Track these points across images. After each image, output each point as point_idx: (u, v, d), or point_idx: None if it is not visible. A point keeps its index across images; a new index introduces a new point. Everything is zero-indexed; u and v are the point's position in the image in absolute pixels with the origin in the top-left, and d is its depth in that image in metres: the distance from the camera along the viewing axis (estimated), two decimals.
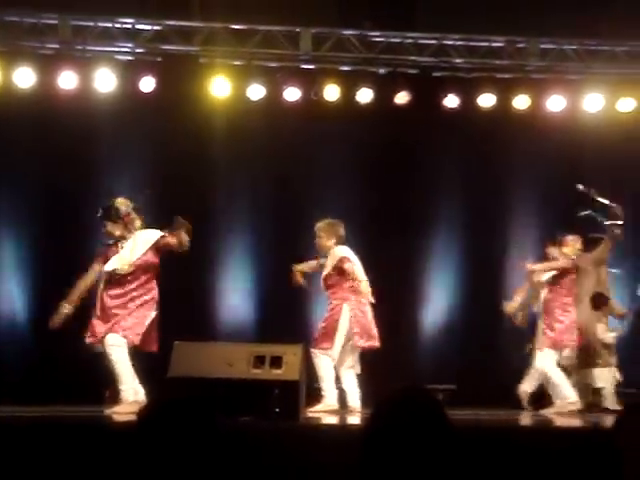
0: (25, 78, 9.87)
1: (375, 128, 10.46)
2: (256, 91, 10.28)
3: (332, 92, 10.34)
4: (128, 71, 10.11)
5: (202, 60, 10.23)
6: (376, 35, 10.39)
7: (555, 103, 10.55)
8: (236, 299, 10.61)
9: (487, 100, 10.47)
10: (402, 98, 10.37)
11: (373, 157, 10.62)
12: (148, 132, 10.20)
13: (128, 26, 10.10)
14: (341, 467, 2.98)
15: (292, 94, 10.35)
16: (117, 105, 10.06)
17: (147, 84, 10.08)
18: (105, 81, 10.00)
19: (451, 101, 10.47)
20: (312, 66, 10.43)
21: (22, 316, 10.03)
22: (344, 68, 10.48)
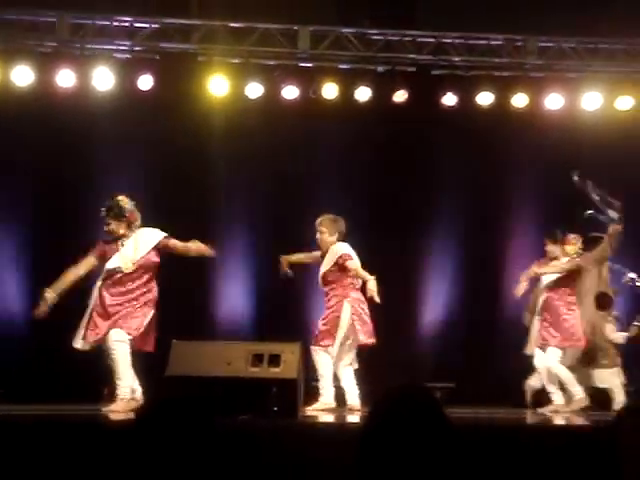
0: (23, 76, 9.86)
1: (373, 126, 10.46)
2: (254, 89, 10.27)
3: (330, 90, 10.34)
4: (126, 69, 10.10)
5: (200, 58, 10.22)
6: (374, 33, 10.38)
7: (554, 101, 10.55)
8: (234, 298, 10.61)
9: (486, 98, 10.46)
10: (400, 96, 10.37)
11: (371, 155, 10.62)
12: (146, 130, 10.18)
13: (126, 24, 10.10)
14: (339, 465, 2.98)
15: (290, 92, 10.34)
16: (115, 103, 10.06)
17: (145, 82, 10.07)
18: (103, 79, 9.98)
19: (449, 99, 10.46)
20: (310, 64, 10.43)
21: (20, 315, 10.00)
22: (342, 66, 10.47)
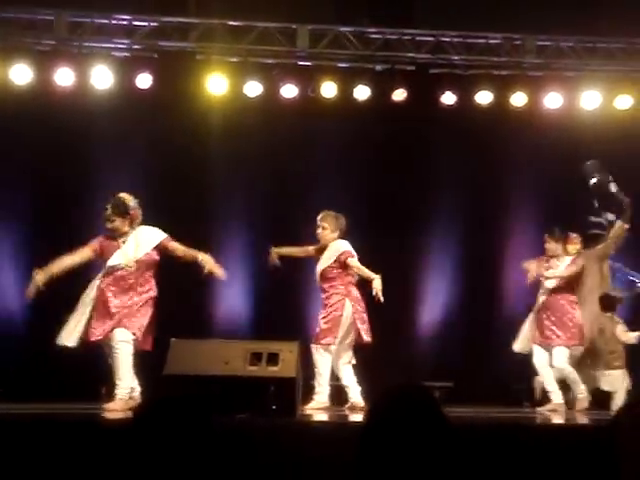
0: (22, 75, 9.86)
1: (372, 125, 10.46)
2: (253, 88, 10.27)
3: (329, 89, 10.33)
4: (125, 68, 10.09)
5: (199, 57, 10.21)
6: (373, 32, 10.38)
7: (552, 100, 10.54)
8: (232, 296, 10.59)
9: (484, 97, 10.46)
10: (399, 95, 10.37)
11: (370, 154, 10.61)
12: (145, 129, 10.18)
13: (125, 22, 10.09)
14: (338, 464, 2.97)
15: (289, 91, 10.34)
16: (114, 102, 10.05)
17: (144, 81, 10.07)
18: (102, 78, 9.98)
19: (448, 98, 10.46)
20: (309, 63, 10.43)
21: (18, 313, 10.00)
22: (341, 65, 10.47)
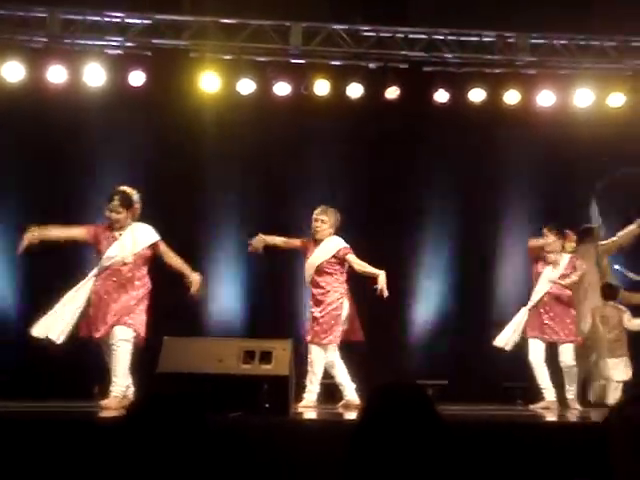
0: (14, 72, 9.83)
1: (365, 123, 10.45)
2: (246, 85, 10.25)
3: (322, 87, 10.32)
4: (118, 65, 10.07)
5: (192, 54, 10.20)
6: (366, 30, 10.36)
7: (545, 98, 10.54)
8: (226, 294, 10.58)
9: (477, 95, 10.45)
10: (392, 93, 10.36)
11: (363, 152, 10.61)
12: (138, 126, 10.16)
13: (118, 20, 10.06)
14: (331, 462, 2.97)
15: (282, 89, 10.32)
16: (106, 99, 10.03)
17: (137, 78, 10.04)
18: (95, 75, 9.96)
19: (441, 96, 10.45)
20: (302, 61, 10.41)
21: (13, 312, 9.99)
22: (334, 63, 10.45)
